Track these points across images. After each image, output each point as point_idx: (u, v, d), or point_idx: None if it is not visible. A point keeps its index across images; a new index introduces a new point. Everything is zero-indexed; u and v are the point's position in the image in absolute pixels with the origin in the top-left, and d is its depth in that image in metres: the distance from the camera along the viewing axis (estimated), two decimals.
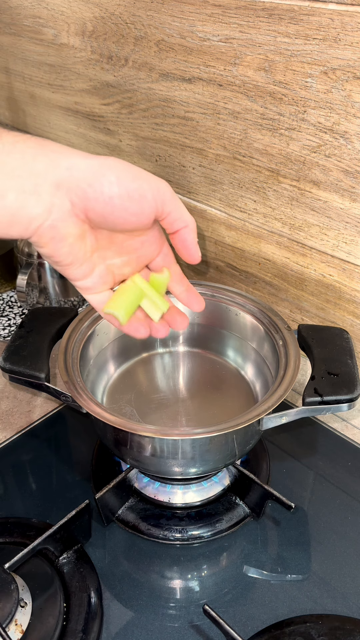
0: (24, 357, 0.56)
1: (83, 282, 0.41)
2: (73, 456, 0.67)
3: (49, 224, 0.36)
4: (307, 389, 0.52)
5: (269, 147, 0.63)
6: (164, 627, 0.50)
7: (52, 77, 0.90)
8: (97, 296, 0.42)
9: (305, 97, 0.57)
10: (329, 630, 0.46)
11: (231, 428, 0.48)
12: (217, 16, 0.61)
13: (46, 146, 0.36)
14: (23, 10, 0.88)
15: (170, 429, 0.52)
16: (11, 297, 0.91)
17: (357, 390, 0.52)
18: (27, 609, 0.47)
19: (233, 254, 0.75)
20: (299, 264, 0.67)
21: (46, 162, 0.35)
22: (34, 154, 0.35)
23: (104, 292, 0.42)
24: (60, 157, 0.36)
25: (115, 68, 0.77)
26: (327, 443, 0.67)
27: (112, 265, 0.42)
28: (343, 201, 0.59)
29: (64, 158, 0.36)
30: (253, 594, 0.52)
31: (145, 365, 0.67)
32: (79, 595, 0.50)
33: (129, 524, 0.57)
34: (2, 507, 0.60)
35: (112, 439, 0.54)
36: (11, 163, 0.35)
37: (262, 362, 0.63)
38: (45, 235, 0.37)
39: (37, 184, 0.35)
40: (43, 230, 0.36)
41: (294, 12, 0.54)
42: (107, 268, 0.41)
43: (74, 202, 0.36)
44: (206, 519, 0.57)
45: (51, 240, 0.37)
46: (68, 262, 0.39)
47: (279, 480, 0.62)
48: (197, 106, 0.69)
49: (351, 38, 0.51)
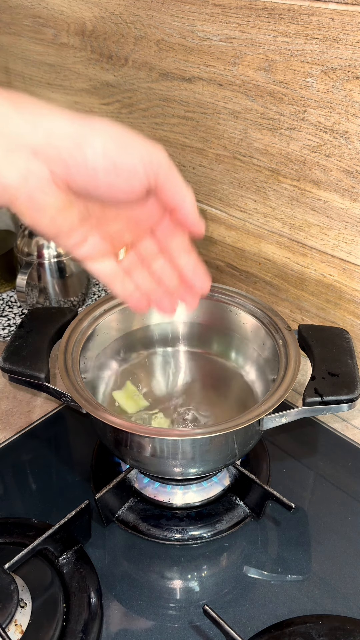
0: (24, 357, 0.56)
1: (77, 252, 0.37)
2: (73, 456, 0.67)
3: (25, 194, 0.32)
4: (308, 389, 0.52)
5: (269, 146, 0.63)
6: (164, 627, 0.50)
7: (52, 76, 0.90)
8: (98, 265, 0.39)
9: (305, 96, 0.57)
10: (329, 631, 0.46)
11: (231, 428, 0.48)
12: (217, 16, 0.61)
13: (21, 104, 0.32)
14: (23, 10, 0.88)
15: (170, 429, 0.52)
16: (11, 297, 0.91)
17: (357, 391, 0.52)
18: (27, 609, 0.47)
19: (233, 253, 0.75)
20: (299, 264, 0.67)
21: (21, 123, 0.31)
22: (6, 112, 0.31)
23: (106, 262, 0.39)
24: (38, 119, 0.31)
25: (115, 68, 0.77)
26: (328, 443, 0.67)
27: (109, 233, 0.38)
28: (343, 201, 0.59)
29: (43, 120, 0.32)
30: (253, 595, 0.52)
31: (145, 365, 0.67)
32: (79, 595, 0.50)
33: (129, 524, 0.57)
34: (2, 507, 0.60)
35: (112, 439, 0.54)
36: None
37: (262, 362, 0.63)
38: (22, 205, 0.33)
39: (9, 149, 0.31)
40: (19, 200, 0.33)
41: (294, 12, 0.54)
42: (103, 236, 0.37)
43: (54, 172, 0.32)
44: (206, 519, 0.57)
45: (28, 211, 0.33)
46: (52, 233, 0.35)
47: (279, 481, 0.62)
48: (197, 106, 0.69)
49: (351, 37, 0.51)
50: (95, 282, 0.94)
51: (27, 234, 0.82)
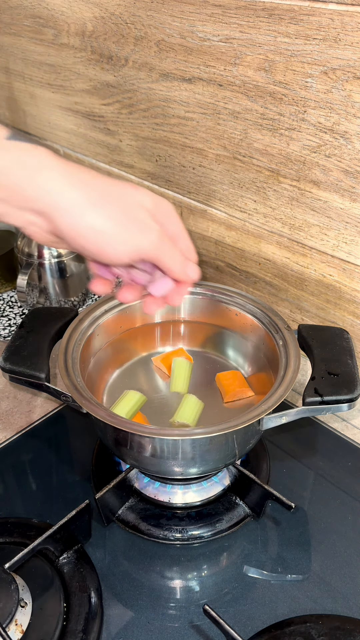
0: (24, 357, 0.56)
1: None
2: (73, 456, 0.67)
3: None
4: (307, 389, 0.52)
5: (269, 147, 0.63)
6: (164, 627, 0.50)
7: (52, 77, 0.90)
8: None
9: (305, 97, 0.57)
10: (329, 631, 0.46)
11: (231, 428, 0.48)
12: (217, 16, 0.61)
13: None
14: (23, 10, 0.88)
15: (170, 429, 0.52)
16: (11, 297, 0.91)
17: (357, 390, 0.52)
18: (27, 609, 0.47)
19: (233, 254, 0.75)
20: (299, 264, 0.67)
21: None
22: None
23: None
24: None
25: (115, 68, 0.77)
26: (327, 443, 0.67)
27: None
28: (343, 201, 0.59)
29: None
30: (253, 594, 0.52)
31: (146, 365, 0.67)
32: (79, 595, 0.50)
33: (129, 524, 0.57)
34: (2, 507, 0.60)
35: (112, 439, 0.54)
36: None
37: (262, 362, 0.63)
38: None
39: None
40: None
41: (294, 12, 0.54)
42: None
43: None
44: (206, 519, 0.57)
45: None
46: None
47: (279, 480, 0.62)
48: (197, 106, 0.69)
49: (351, 38, 0.51)
50: None
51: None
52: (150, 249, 0.39)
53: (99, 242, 0.37)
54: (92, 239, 0.37)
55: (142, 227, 0.38)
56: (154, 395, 0.63)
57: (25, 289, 0.80)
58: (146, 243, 0.38)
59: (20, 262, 0.83)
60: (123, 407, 0.58)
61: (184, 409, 0.59)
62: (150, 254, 0.39)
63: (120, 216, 0.37)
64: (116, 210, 0.37)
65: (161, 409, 0.61)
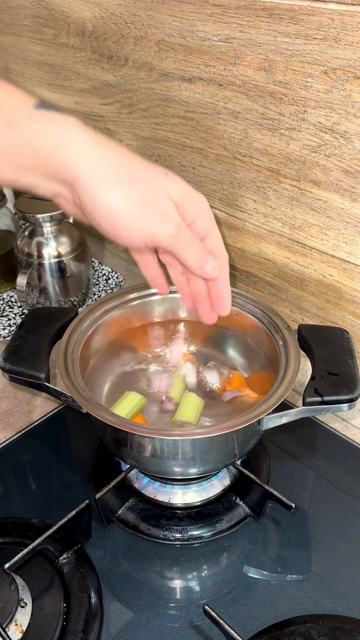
0: (24, 357, 0.56)
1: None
2: (73, 456, 0.67)
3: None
4: (308, 389, 0.52)
5: (269, 147, 0.63)
6: (164, 627, 0.50)
7: (52, 77, 0.90)
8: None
9: (305, 97, 0.57)
10: (329, 631, 0.46)
11: (231, 428, 0.48)
12: (217, 16, 0.61)
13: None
14: (23, 10, 0.88)
15: (170, 429, 0.52)
16: (11, 297, 0.91)
17: (357, 390, 0.52)
18: (27, 609, 0.47)
19: (233, 253, 0.75)
20: (299, 264, 0.67)
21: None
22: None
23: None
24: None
25: (115, 68, 0.77)
26: (327, 443, 0.67)
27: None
28: (343, 201, 0.59)
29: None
30: (253, 594, 0.52)
31: (146, 365, 0.67)
32: (79, 595, 0.50)
33: (129, 524, 0.57)
34: (2, 507, 0.60)
35: (112, 439, 0.54)
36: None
37: (262, 362, 0.63)
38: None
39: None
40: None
41: (294, 12, 0.54)
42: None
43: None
44: (206, 519, 0.57)
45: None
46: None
47: (279, 480, 0.62)
48: (197, 106, 0.69)
49: (351, 38, 0.51)
50: (95, 282, 0.94)
51: (27, 234, 0.82)
52: (164, 238, 0.38)
53: (114, 222, 0.36)
54: (108, 219, 0.36)
55: (160, 216, 0.37)
56: (155, 398, 0.63)
57: (25, 289, 0.80)
58: (161, 232, 0.38)
59: (20, 262, 0.83)
60: (123, 408, 0.58)
61: (185, 408, 0.59)
62: (165, 244, 0.38)
63: (141, 200, 0.36)
64: (137, 194, 0.36)
65: (161, 411, 0.61)
